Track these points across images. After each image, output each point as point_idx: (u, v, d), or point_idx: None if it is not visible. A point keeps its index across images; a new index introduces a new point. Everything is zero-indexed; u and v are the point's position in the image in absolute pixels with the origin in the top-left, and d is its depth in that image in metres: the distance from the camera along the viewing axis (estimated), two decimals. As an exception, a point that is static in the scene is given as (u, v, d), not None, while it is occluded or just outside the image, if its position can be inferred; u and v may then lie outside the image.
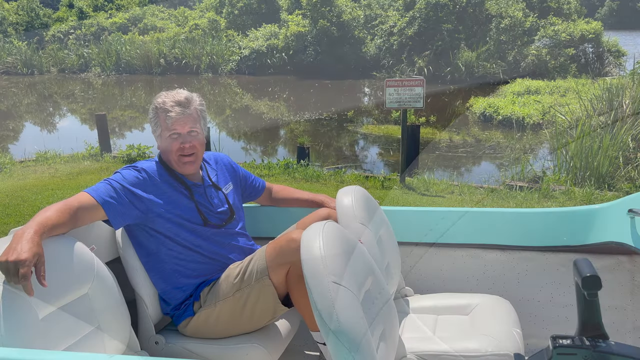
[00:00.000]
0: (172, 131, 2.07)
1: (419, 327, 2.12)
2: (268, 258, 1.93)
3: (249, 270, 1.97)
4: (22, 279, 1.53)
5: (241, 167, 2.44)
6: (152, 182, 2.04)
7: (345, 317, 1.39)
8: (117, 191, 1.94)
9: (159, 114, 2.09)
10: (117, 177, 2.00)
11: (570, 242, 2.28)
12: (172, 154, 2.08)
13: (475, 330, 2.03)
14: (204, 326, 2.02)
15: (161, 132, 2.10)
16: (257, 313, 1.97)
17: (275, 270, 1.90)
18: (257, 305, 1.95)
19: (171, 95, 2.10)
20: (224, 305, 1.98)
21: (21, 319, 1.55)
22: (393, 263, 2.26)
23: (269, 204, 2.53)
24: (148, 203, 1.99)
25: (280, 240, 1.93)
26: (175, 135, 2.07)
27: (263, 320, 2.01)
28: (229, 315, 1.98)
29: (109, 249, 2.15)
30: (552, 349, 1.26)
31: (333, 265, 1.48)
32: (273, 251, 1.92)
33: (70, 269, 1.76)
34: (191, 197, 2.09)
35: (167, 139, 2.08)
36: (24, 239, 1.60)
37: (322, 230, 1.57)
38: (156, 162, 2.13)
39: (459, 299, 2.26)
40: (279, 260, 1.89)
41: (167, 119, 2.06)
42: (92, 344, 1.77)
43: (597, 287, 1.26)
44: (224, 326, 2.00)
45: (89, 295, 1.81)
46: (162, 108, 2.08)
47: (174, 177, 2.10)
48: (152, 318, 2.06)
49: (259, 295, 1.94)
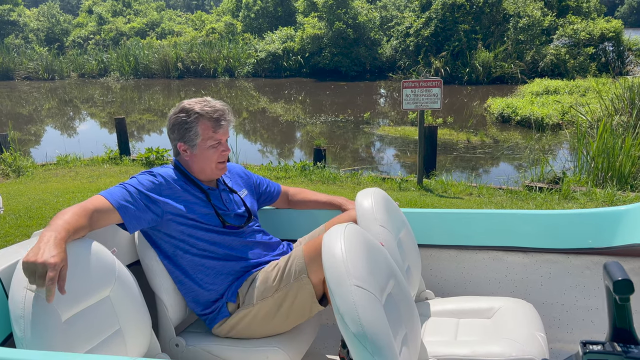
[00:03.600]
0: (216, 140, 2.08)
1: (440, 330, 2.09)
2: (307, 258, 1.93)
3: (287, 270, 1.98)
4: (49, 281, 1.52)
5: (255, 175, 2.44)
6: (168, 185, 2.04)
7: (368, 320, 1.37)
8: (133, 195, 1.94)
9: (200, 122, 2.07)
10: (132, 182, 2.00)
11: (595, 245, 2.23)
12: (211, 162, 2.10)
13: (498, 334, 1.99)
14: (239, 325, 2.02)
15: (201, 141, 2.07)
16: (294, 311, 1.97)
17: (316, 271, 1.91)
18: (294, 304, 1.96)
19: (208, 104, 2.09)
20: (263, 305, 1.99)
21: (44, 322, 1.56)
22: (413, 266, 2.23)
23: (286, 207, 2.53)
24: (164, 206, 1.99)
25: (319, 240, 1.92)
26: (217, 144, 2.08)
27: (299, 319, 2.01)
28: (266, 315, 1.99)
29: (129, 252, 2.16)
30: (582, 355, 1.23)
31: (355, 269, 1.47)
32: (313, 251, 1.93)
33: (92, 272, 1.77)
34: (208, 200, 2.09)
35: (209, 149, 2.08)
36: (51, 243, 1.59)
37: (344, 233, 1.56)
38: (172, 168, 2.13)
39: (480, 302, 2.22)
40: (320, 260, 1.89)
41: (213, 128, 2.07)
42: (114, 347, 1.77)
43: (629, 291, 1.22)
44: (259, 324, 2.01)
45: (110, 298, 1.82)
46: (209, 117, 2.07)
47: (191, 182, 2.11)
48: (172, 320, 2.07)
49: (297, 294, 1.94)
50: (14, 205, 5.57)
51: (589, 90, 13.60)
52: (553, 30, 19.61)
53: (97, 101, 18.95)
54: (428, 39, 20.17)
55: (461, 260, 2.44)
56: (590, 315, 2.28)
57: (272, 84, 21.02)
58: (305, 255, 1.94)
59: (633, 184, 6.26)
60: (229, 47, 24.63)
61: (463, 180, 6.89)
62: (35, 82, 25.17)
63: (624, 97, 8.78)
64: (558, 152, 9.48)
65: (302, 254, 1.96)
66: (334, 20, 21.78)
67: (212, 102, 2.11)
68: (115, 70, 25.57)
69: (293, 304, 1.95)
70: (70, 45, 31.73)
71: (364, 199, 2.16)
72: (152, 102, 18.45)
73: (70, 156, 8.65)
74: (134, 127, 13.96)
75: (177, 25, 32.73)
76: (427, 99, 6.28)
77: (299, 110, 15.59)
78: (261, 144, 11.99)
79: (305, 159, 8.53)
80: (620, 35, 18.95)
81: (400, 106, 7.33)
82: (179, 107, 2.11)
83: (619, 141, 6.56)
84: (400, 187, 6.50)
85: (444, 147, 9.76)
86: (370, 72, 22.19)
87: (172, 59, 24.47)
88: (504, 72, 18.56)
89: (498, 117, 12.46)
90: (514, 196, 5.86)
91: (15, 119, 14.98)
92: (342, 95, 17.92)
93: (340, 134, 11.91)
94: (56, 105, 18.55)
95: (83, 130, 14.28)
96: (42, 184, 6.79)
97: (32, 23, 33.43)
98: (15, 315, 1.54)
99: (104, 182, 6.77)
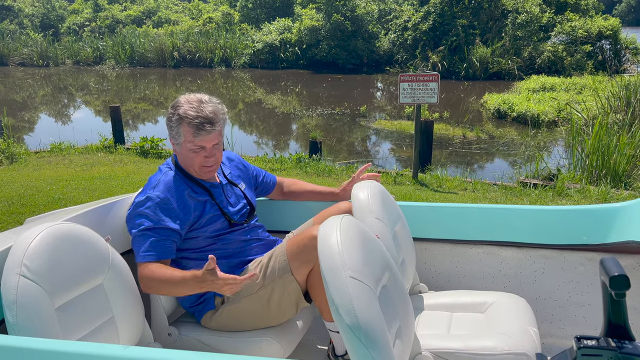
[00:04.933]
0: (196, 146, 1.99)
1: (434, 324, 2.10)
2: (290, 255, 1.92)
3: (270, 267, 1.97)
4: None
5: (252, 165, 2.43)
6: (174, 202, 1.98)
7: (362, 312, 1.37)
8: (160, 235, 1.93)
9: (182, 125, 1.98)
10: (147, 225, 1.93)
11: (589, 241, 2.24)
12: (194, 165, 2.03)
13: (491, 328, 2.00)
14: (227, 321, 2.02)
15: (183, 142, 2.01)
16: (281, 308, 1.97)
17: (298, 267, 1.90)
18: (281, 301, 1.95)
19: (197, 107, 1.97)
20: (248, 302, 1.98)
21: (36, 309, 1.55)
22: (408, 259, 2.23)
23: (281, 198, 2.52)
24: (182, 230, 1.99)
25: (302, 237, 1.91)
26: (198, 149, 2.00)
27: (286, 316, 2.01)
28: (253, 311, 1.98)
29: (124, 240, 2.15)
30: (576, 350, 1.23)
31: (350, 260, 1.46)
32: (296, 248, 1.91)
33: (86, 260, 1.76)
34: (213, 200, 2.07)
35: (189, 152, 2.01)
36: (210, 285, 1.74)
37: (340, 224, 1.55)
38: (171, 169, 2.07)
39: (474, 296, 2.23)
40: (302, 258, 1.89)
41: (194, 134, 1.97)
42: (106, 335, 1.77)
43: (625, 287, 1.22)
44: (248, 320, 2.01)
45: (103, 286, 1.81)
46: (189, 122, 1.96)
47: (193, 182, 2.07)
48: (165, 310, 2.06)
49: (283, 291, 1.94)
50: (7, 192, 5.53)
51: (585, 87, 13.62)
52: (551, 27, 19.60)
53: (92, 89, 18.82)
54: (426, 33, 20.12)
55: (455, 255, 2.45)
56: (582, 311, 2.30)
57: (268, 75, 20.93)
58: (289, 252, 1.93)
59: (627, 182, 6.28)
60: (226, 37, 24.48)
61: (458, 175, 6.90)
62: (29, 69, 24.95)
63: (620, 95, 8.81)
64: (553, 149, 9.51)
65: (284, 250, 1.95)
66: (332, 12, 21.67)
67: (203, 105, 1.99)
68: (111, 58, 25.37)
69: (280, 300, 1.95)
70: (66, 32, 31.43)
71: (360, 191, 2.15)
72: (147, 91, 18.34)
73: (64, 144, 8.59)
74: (129, 115, 13.88)
75: (173, 13, 32.49)
76: (424, 94, 6.27)
77: (295, 102, 15.55)
78: (257, 136, 11.95)
79: (300, 151, 8.51)
80: (617, 34, 18.96)
81: (396, 100, 7.31)
82: (175, 101, 2.07)
83: (614, 139, 6.57)
84: (395, 181, 6.51)
85: (440, 142, 9.77)
86: (368, 66, 22.13)
87: (169, 48, 24.29)
88: (501, 68, 18.55)
89: (494, 113, 12.47)
90: (508, 192, 5.87)
91: (9, 106, 14.85)
92: (338, 88, 17.87)
93: (336, 127, 11.89)
94: (50, 93, 18.41)
95: (77, 118, 14.18)
96: (36, 172, 6.75)
97: (27, 8, 33.07)
98: (7, 302, 1.53)
99: (98, 171, 6.73)
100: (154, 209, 1.93)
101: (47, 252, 1.64)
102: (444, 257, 2.46)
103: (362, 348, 1.35)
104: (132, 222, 1.95)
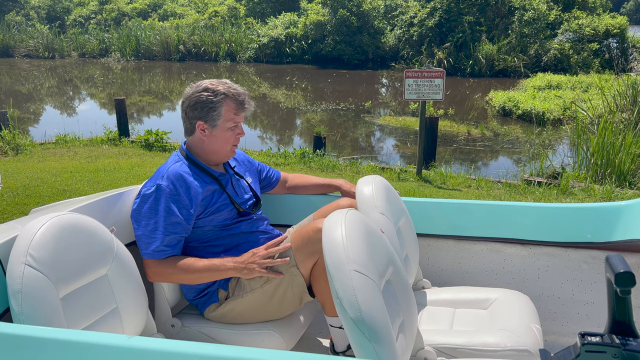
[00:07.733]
0: (235, 123, 2.08)
1: (437, 319, 2.10)
2: (295, 248, 1.92)
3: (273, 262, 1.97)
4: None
5: (257, 161, 2.45)
6: (183, 192, 1.99)
7: (366, 306, 1.37)
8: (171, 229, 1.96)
9: (226, 102, 2.04)
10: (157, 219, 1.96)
11: (594, 239, 2.23)
12: (228, 144, 2.09)
13: (494, 324, 2.00)
14: (230, 314, 2.03)
15: (222, 122, 2.05)
16: (285, 302, 1.98)
17: (303, 261, 1.90)
18: (285, 295, 1.96)
19: (232, 86, 2.09)
20: (252, 296, 1.99)
21: (41, 298, 1.56)
22: (412, 254, 2.24)
23: (285, 192, 2.52)
24: (191, 220, 2.01)
25: (306, 230, 1.91)
26: (234, 127, 2.08)
27: (290, 309, 2.02)
28: (257, 305, 1.99)
29: (128, 231, 2.16)
30: (580, 346, 1.23)
31: (355, 254, 1.46)
32: (301, 242, 1.91)
33: (90, 250, 1.76)
34: (222, 188, 2.08)
35: (227, 131, 2.07)
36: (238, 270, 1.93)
37: (345, 218, 1.55)
38: (178, 160, 2.06)
39: (477, 292, 2.23)
40: (306, 251, 1.89)
41: (236, 110, 2.06)
42: (110, 325, 1.78)
43: (631, 284, 1.22)
44: (251, 313, 2.02)
45: (108, 277, 1.82)
46: (234, 99, 2.06)
47: (201, 170, 2.08)
48: (169, 301, 2.07)
49: (288, 285, 1.94)
50: (12, 182, 5.55)
51: (591, 86, 13.55)
52: (558, 25, 19.49)
53: (97, 81, 18.84)
54: (432, 29, 20.03)
55: (459, 251, 2.44)
56: (586, 309, 2.29)
57: (273, 70, 20.90)
58: (293, 246, 1.93)
59: (632, 181, 6.26)
60: (232, 31, 24.43)
61: (462, 172, 6.89)
62: (35, 60, 24.99)
63: (626, 94, 8.76)
64: (558, 147, 9.47)
65: (289, 244, 1.95)
66: (338, 8, 21.60)
67: (234, 85, 2.11)
68: (116, 50, 25.36)
69: (285, 294, 1.95)
70: (72, 24, 31.42)
71: (364, 186, 2.16)
72: (152, 85, 18.34)
73: (69, 136, 8.61)
74: (133, 108, 13.89)
75: (179, 7, 32.43)
76: (429, 90, 6.25)
77: (299, 97, 15.53)
78: (261, 130, 11.95)
79: (305, 147, 8.51)
80: (625, 32, 18.83)
81: (401, 96, 7.29)
82: (201, 86, 2.05)
83: (620, 138, 6.55)
84: (399, 177, 6.50)
85: (444, 139, 9.75)
86: (373, 61, 22.06)
87: (174, 41, 24.27)
88: (507, 66, 18.46)
89: (499, 111, 12.43)
90: (513, 190, 5.86)
91: (15, 97, 14.89)
92: (343, 84, 17.83)
93: (341, 123, 11.87)
94: (56, 85, 18.44)
95: (82, 110, 14.21)
96: (40, 163, 6.77)
97: (33, 0, 33.08)
98: (12, 291, 1.54)
99: (103, 163, 6.74)
100: (165, 200, 1.95)
101: (53, 242, 1.65)
102: (448, 253, 2.46)
103: (366, 342, 1.35)
104: (141, 215, 1.96)
